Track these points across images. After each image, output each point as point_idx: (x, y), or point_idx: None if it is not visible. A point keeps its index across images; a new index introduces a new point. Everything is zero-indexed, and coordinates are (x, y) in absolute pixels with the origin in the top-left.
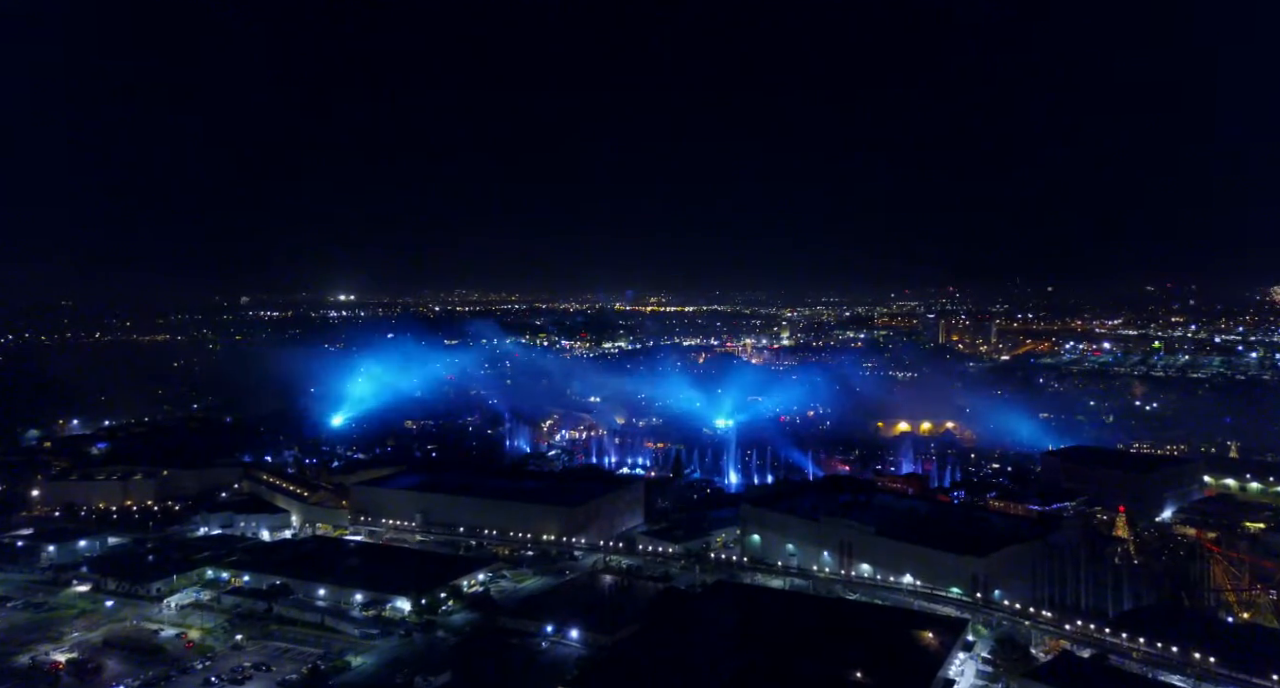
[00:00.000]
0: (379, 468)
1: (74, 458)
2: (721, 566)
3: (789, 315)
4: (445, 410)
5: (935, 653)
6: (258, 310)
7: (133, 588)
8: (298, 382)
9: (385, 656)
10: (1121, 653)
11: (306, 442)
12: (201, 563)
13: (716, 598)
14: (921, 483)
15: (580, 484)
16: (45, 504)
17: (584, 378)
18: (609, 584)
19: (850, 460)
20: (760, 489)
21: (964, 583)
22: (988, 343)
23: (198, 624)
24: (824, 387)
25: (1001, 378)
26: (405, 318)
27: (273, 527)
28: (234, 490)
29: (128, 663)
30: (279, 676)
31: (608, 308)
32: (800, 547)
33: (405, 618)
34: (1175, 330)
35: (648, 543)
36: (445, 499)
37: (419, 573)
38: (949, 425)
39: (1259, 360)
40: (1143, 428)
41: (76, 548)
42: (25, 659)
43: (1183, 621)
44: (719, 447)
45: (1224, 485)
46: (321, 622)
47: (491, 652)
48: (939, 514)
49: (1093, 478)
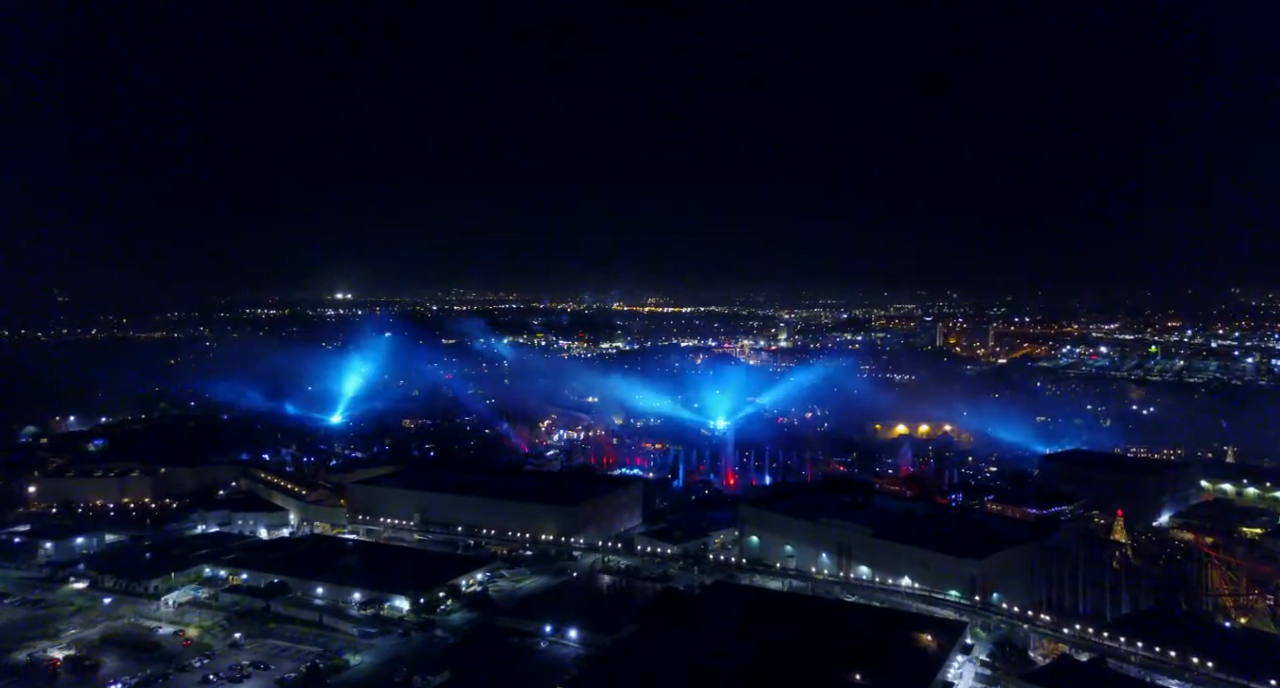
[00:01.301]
0: (377, 467)
1: (70, 455)
2: (720, 567)
3: (787, 317)
4: (443, 410)
5: (934, 655)
6: (254, 309)
7: (130, 586)
8: (294, 380)
9: (383, 654)
10: (1120, 657)
11: (304, 440)
12: (199, 561)
13: (715, 599)
14: (920, 485)
15: (579, 484)
16: (42, 501)
17: (581, 378)
18: (608, 584)
19: (848, 462)
20: (759, 490)
21: (962, 586)
22: (985, 346)
23: (195, 622)
24: (822, 389)
25: (999, 381)
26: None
27: (270, 525)
28: (232, 488)
29: (125, 660)
30: (277, 674)
31: (605, 308)
32: (799, 548)
33: (404, 617)
34: (1172, 335)
35: (646, 543)
36: (443, 498)
37: (417, 572)
38: (946, 428)
39: (1255, 366)
40: (1139, 432)
41: (74, 545)
42: (23, 656)
43: (1180, 625)
44: (717, 448)
45: (1221, 490)
46: (319, 620)
47: (490, 651)
48: (937, 517)
49: (1091, 482)
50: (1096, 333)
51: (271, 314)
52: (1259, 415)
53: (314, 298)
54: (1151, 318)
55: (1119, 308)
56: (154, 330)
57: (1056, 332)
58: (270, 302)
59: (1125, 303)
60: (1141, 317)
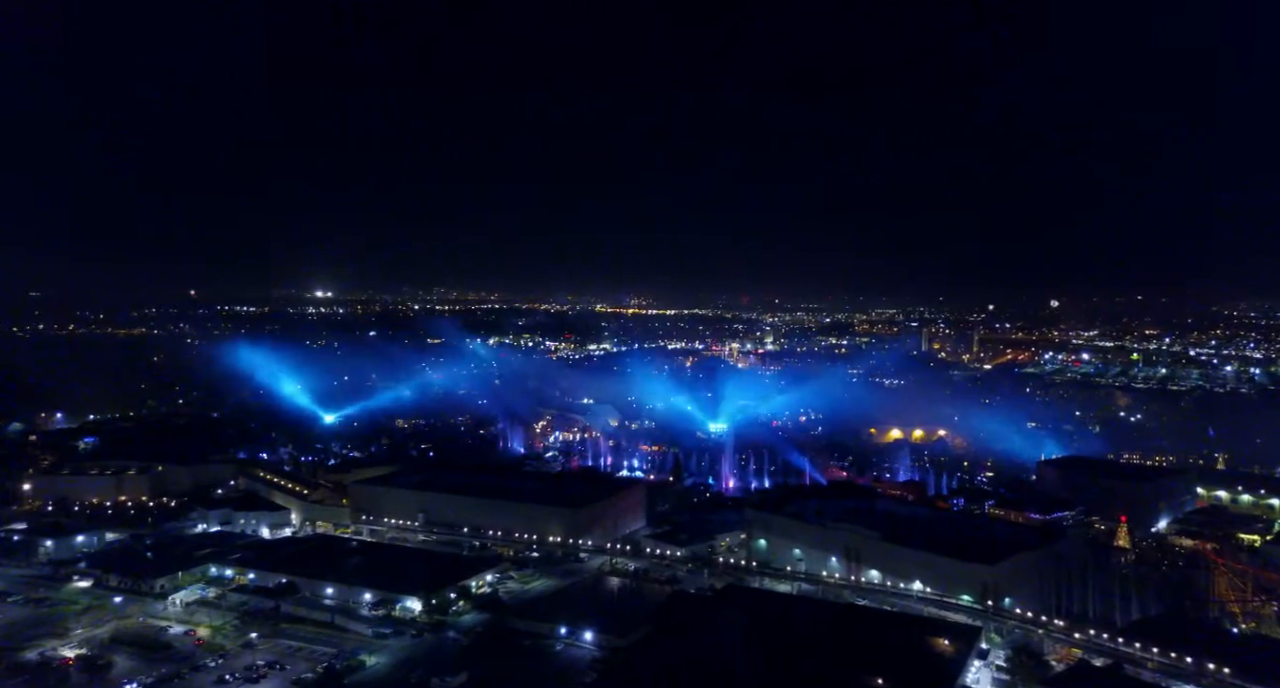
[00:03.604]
0: (375, 467)
1: (61, 452)
2: (728, 570)
3: (770, 321)
4: (435, 410)
5: (952, 660)
6: (232, 306)
7: (135, 584)
8: (281, 378)
9: (398, 655)
10: (1135, 663)
11: (298, 439)
12: (204, 560)
13: (728, 602)
14: (920, 490)
15: (582, 486)
16: (36, 499)
17: (572, 379)
18: (616, 587)
19: (845, 467)
20: (763, 494)
21: (974, 591)
22: (970, 352)
23: (205, 622)
24: (813, 392)
25: (987, 387)
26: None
27: (273, 524)
28: (230, 487)
29: (137, 660)
30: (293, 674)
31: (588, 310)
32: (807, 552)
33: (416, 618)
34: (1150, 343)
35: (652, 546)
36: (447, 499)
37: (427, 573)
38: (941, 433)
39: (1235, 373)
40: (1129, 439)
41: (74, 543)
42: (34, 656)
43: (1192, 630)
44: (715, 451)
45: (1215, 497)
46: (331, 621)
47: (505, 653)
48: (944, 522)
49: (1088, 488)
50: (1076, 340)
51: (251, 311)
52: (1245, 423)
53: (292, 296)
54: (1128, 325)
55: (1096, 315)
56: (132, 327)
57: (1038, 338)
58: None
59: (1101, 310)
60: (1119, 324)
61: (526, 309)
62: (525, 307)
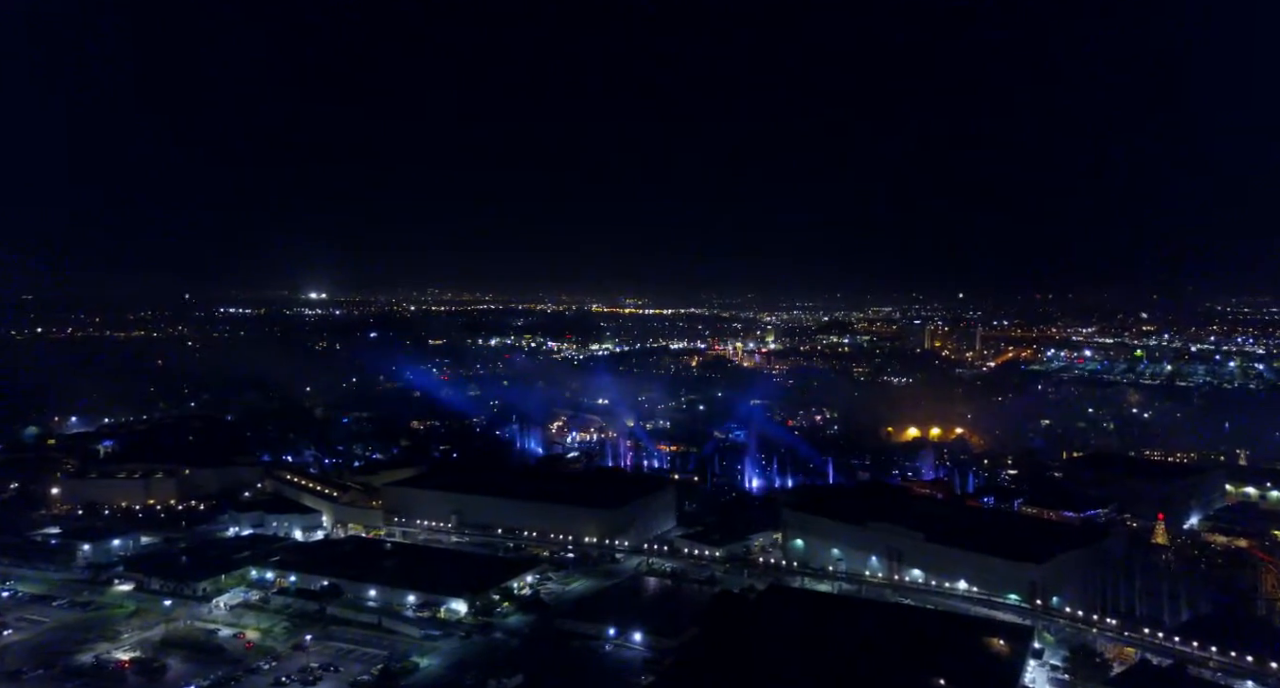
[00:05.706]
0: (399, 468)
1: (82, 456)
2: (766, 569)
3: (769, 319)
4: (449, 411)
5: (1009, 661)
6: (229, 308)
7: (179, 587)
8: (289, 380)
9: (450, 658)
10: (1194, 662)
11: (320, 441)
12: (244, 563)
13: (775, 602)
14: (948, 489)
15: (612, 486)
16: (66, 502)
17: (581, 380)
18: (657, 587)
19: (865, 466)
20: (798, 493)
21: (1021, 590)
22: (973, 349)
23: (253, 625)
24: (823, 391)
25: (996, 385)
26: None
27: (305, 527)
28: (257, 490)
29: (190, 663)
30: (347, 676)
31: (586, 310)
32: (845, 552)
33: (462, 620)
34: (1150, 339)
35: (688, 546)
36: (481, 501)
37: (468, 574)
38: (959, 431)
39: (1239, 369)
40: (1145, 435)
41: (111, 547)
42: (89, 659)
43: (1246, 628)
44: (735, 450)
45: (1244, 493)
46: (378, 623)
47: (556, 654)
48: (982, 520)
49: (1118, 485)
50: (1076, 337)
51: (248, 313)
52: (1260, 418)
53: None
54: (1126, 322)
55: (1093, 312)
56: (131, 330)
57: (1037, 335)
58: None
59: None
60: (1117, 321)
61: (523, 310)
62: (521, 307)
